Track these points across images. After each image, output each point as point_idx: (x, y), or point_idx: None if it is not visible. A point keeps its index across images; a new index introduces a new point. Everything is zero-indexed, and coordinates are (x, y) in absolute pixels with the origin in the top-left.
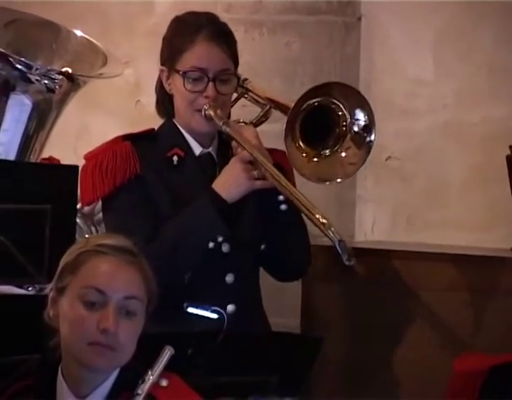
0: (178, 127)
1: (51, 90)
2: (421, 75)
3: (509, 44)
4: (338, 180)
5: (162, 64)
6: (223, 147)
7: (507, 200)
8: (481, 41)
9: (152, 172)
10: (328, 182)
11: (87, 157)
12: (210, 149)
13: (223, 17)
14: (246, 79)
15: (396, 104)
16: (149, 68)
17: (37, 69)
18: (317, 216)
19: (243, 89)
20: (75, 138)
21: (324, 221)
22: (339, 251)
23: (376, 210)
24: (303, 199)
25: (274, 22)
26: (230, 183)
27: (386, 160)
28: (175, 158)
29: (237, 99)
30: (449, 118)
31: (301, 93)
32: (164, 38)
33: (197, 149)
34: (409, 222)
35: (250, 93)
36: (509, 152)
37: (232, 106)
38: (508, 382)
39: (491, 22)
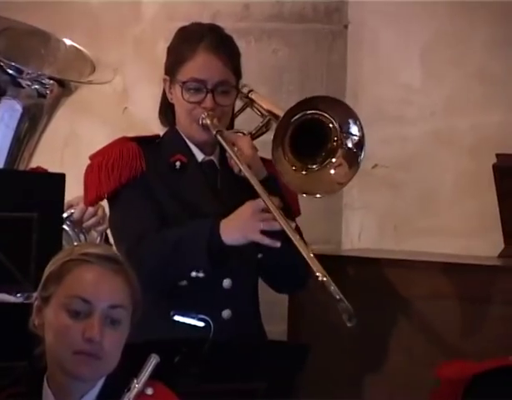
0: (181, 134)
1: (42, 95)
2: (410, 82)
3: (499, 51)
4: (318, 195)
5: (165, 73)
6: (226, 155)
7: (496, 208)
8: (471, 48)
9: (155, 174)
10: (308, 195)
11: (93, 156)
12: (212, 156)
13: None
14: (251, 90)
15: (384, 112)
16: (137, 76)
17: (28, 74)
18: (317, 273)
19: (247, 100)
20: (62, 146)
21: (324, 279)
22: (339, 310)
23: (363, 218)
24: (306, 253)
25: (261, 30)
26: (236, 230)
27: (372, 168)
28: (177, 164)
29: (241, 110)
30: (439, 126)
31: (287, 101)
32: (168, 48)
33: (199, 156)
34: (397, 229)
35: (255, 104)
36: (495, 160)
37: (236, 116)
38: (490, 389)
39: (481, 29)
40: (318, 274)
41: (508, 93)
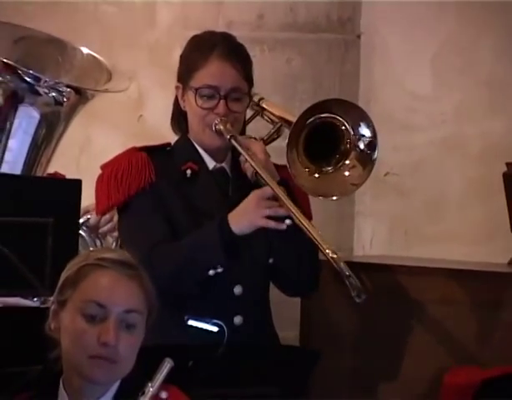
0: (193, 142)
1: (59, 102)
2: (420, 90)
3: (508, 59)
4: (334, 198)
5: (178, 81)
6: (237, 163)
7: (505, 214)
8: (480, 56)
9: (166, 183)
10: (323, 198)
11: (104, 166)
12: (223, 164)
13: None
14: (262, 98)
15: (395, 119)
16: (152, 83)
17: (45, 82)
18: (327, 250)
19: (258, 108)
20: (78, 152)
21: (334, 256)
22: (349, 286)
23: (374, 224)
24: (314, 231)
25: (275, 40)
26: (243, 218)
27: (385, 175)
28: (188, 171)
29: (252, 117)
30: (448, 133)
31: (301, 109)
32: (181, 56)
33: (210, 163)
34: (407, 236)
35: (266, 112)
36: (505, 169)
37: (247, 123)
38: (498, 395)
39: (490, 37)
40: (328, 251)
41: None
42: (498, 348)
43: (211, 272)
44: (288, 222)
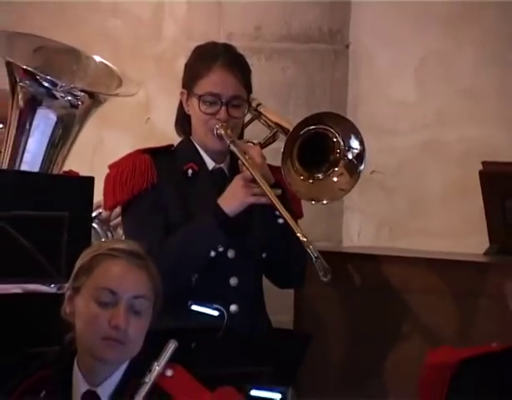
0: (195, 144)
1: (74, 106)
2: (404, 97)
3: (486, 70)
4: (325, 202)
5: (182, 87)
6: (235, 164)
7: (480, 211)
8: (459, 67)
9: (168, 182)
10: (315, 202)
11: (111, 166)
12: (222, 165)
13: None
14: (260, 104)
15: (380, 124)
16: (158, 89)
17: (61, 87)
18: (298, 234)
19: (256, 112)
20: (92, 152)
21: (304, 239)
22: (316, 267)
23: (362, 219)
24: (288, 217)
25: (271, 49)
26: (231, 198)
27: (371, 173)
28: (190, 171)
29: (250, 122)
30: (429, 137)
31: (295, 114)
32: (186, 64)
33: (210, 164)
34: (392, 230)
35: (263, 117)
36: (482, 168)
37: (246, 127)
38: (476, 373)
39: (469, 49)
40: (298, 235)
41: (493, 108)
42: (475, 331)
43: (212, 254)
44: (280, 221)
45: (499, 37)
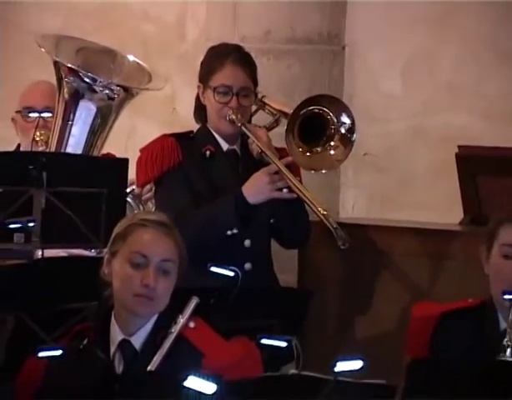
0: (210, 129)
1: (111, 98)
2: (392, 90)
3: (465, 66)
4: (323, 171)
5: (199, 81)
6: (245, 145)
7: (458, 188)
8: (441, 64)
9: (190, 162)
10: (315, 171)
11: (142, 149)
12: (235, 146)
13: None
14: (264, 95)
15: (372, 113)
16: (182, 84)
17: (100, 82)
18: (319, 208)
19: (261, 103)
20: (126, 138)
21: (325, 213)
22: (336, 237)
23: (356, 194)
24: (309, 198)
25: (278, 50)
26: (256, 192)
27: (364, 155)
28: (207, 153)
29: (256, 111)
30: (414, 124)
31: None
32: (202, 62)
33: (224, 146)
34: (382, 204)
35: (267, 106)
36: (457, 150)
37: (252, 115)
38: (454, 324)
39: (450, 48)
40: (320, 209)
41: (470, 101)
42: (450, 290)
43: (229, 233)
44: (286, 192)
45: (477, 38)
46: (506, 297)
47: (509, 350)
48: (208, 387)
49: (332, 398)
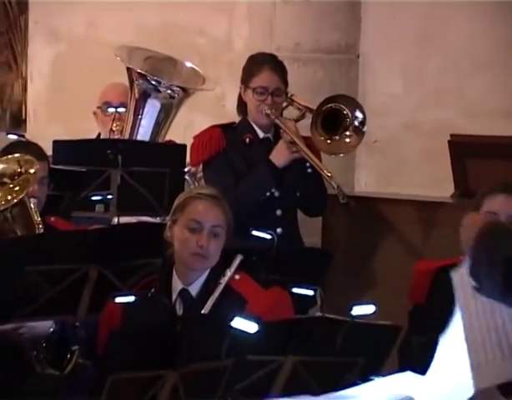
0: (250, 121)
1: (172, 97)
2: (394, 92)
3: (450, 73)
4: (341, 155)
5: (241, 83)
6: (277, 133)
7: (446, 169)
8: (430, 71)
9: (233, 147)
10: (334, 155)
11: (195, 137)
12: (269, 135)
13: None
14: (293, 94)
15: (379, 109)
16: (230, 85)
17: (163, 84)
18: (325, 171)
19: (290, 100)
20: (184, 129)
21: (329, 174)
22: (337, 192)
23: (367, 174)
24: (317, 162)
25: (306, 59)
26: (280, 156)
27: (373, 142)
28: (247, 140)
29: (286, 106)
30: (411, 119)
31: None
32: (243, 68)
33: (261, 134)
34: (388, 182)
35: (294, 103)
36: (450, 138)
37: (283, 110)
38: (449, 278)
39: (436, 59)
40: (325, 172)
41: (454, 101)
42: (442, 251)
43: (268, 194)
44: (309, 170)
45: (458, 51)
46: None
47: None
48: (251, 327)
49: (350, 335)
